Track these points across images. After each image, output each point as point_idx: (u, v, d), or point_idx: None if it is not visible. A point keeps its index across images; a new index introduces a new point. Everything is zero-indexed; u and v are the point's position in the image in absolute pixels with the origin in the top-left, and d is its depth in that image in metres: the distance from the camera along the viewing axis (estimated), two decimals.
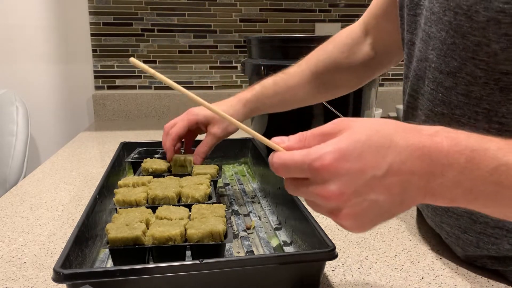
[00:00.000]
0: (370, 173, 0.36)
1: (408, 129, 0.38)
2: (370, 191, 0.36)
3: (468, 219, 0.53)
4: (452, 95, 0.50)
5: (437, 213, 0.57)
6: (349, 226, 0.38)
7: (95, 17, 1.43)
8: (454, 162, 0.36)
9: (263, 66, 0.89)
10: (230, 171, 0.94)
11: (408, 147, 0.37)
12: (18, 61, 1.43)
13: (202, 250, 0.51)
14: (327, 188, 0.36)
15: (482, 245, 0.52)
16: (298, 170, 0.37)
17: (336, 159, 0.35)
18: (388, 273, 0.54)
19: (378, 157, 0.36)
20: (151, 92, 1.51)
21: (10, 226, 0.68)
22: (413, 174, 0.36)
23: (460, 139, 0.37)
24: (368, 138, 0.36)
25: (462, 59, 0.47)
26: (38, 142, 1.50)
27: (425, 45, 0.53)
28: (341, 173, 0.35)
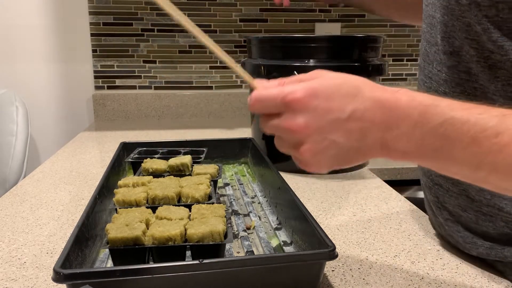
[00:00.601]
0: (335, 114, 0.40)
1: (375, 85, 0.42)
2: (331, 131, 0.40)
3: (465, 197, 0.56)
4: (454, 74, 0.53)
5: (439, 193, 0.60)
6: (307, 161, 0.42)
7: (95, 17, 1.43)
8: (408, 115, 0.40)
9: (263, 66, 0.89)
10: (230, 171, 0.94)
11: (372, 98, 0.41)
12: (18, 61, 1.43)
13: (202, 250, 0.51)
14: (295, 120, 0.40)
15: (481, 222, 0.55)
16: (272, 104, 0.42)
17: (307, 95, 0.40)
18: (388, 273, 0.54)
19: (344, 102, 0.40)
20: (151, 92, 1.51)
21: (10, 226, 0.68)
22: (373, 123, 0.40)
23: (416, 96, 0.41)
24: (339, 84, 0.41)
25: (461, 39, 0.51)
26: (38, 142, 1.50)
27: (434, 29, 0.56)
28: (309, 108, 0.40)
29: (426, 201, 0.67)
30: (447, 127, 0.39)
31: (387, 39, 1.57)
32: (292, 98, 0.40)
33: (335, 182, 0.89)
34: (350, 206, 0.76)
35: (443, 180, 0.59)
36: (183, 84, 1.53)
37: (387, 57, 1.59)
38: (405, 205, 0.77)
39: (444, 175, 0.58)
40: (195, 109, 1.53)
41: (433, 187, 0.62)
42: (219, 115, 1.55)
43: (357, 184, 0.88)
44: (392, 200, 0.80)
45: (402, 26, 1.57)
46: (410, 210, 0.75)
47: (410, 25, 1.57)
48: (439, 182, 0.60)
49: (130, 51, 1.48)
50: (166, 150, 0.87)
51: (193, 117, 1.54)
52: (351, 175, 0.94)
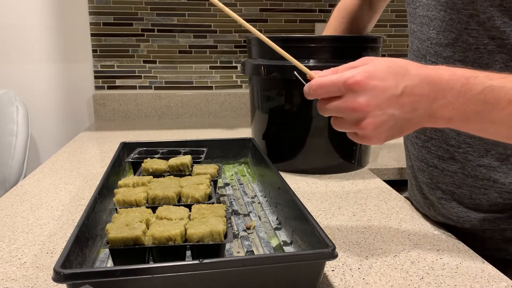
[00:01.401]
0: (390, 91, 0.46)
1: (418, 64, 0.49)
2: (388, 106, 0.47)
3: (461, 174, 0.64)
4: (450, 63, 0.60)
5: (433, 174, 0.68)
6: (368, 134, 0.48)
7: (95, 17, 1.43)
8: (452, 86, 0.47)
9: (263, 66, 0.89)
10: (230, 171, 0.94)
11: (418, 75, 0.47)
12: (18, 61, 1.43)
13: (202, 250, 0.51)
14: (357, 99, 0.46)
15: (474, 196, 0.63)
16: (334, 88, 0.48)
17: (366, 77, 0.46)
18: (388, 273, 0.54)
19: (396, 80, 0.47)
20: (151, 92, 1.51)
21: (10, 226, 0.68)
22: (422, 96, 0.47)
23: (456, 70, 0.48)
24: (389, 66, 0.48)
25: (458, 31, 0.58)
26: (38, 142, 1.50)
27: (427, 27, 0.64)
28: (369, 88, 0.46)
29: (415, 184, 0.74)
30: (486, 93, 0.45)
31: (387, 39, 1.57)
32: (354, 81, 0.46)
33: (335, 182, 0.89)
34: (350, 206, 0.76)
35: (439, 161, 0.66)
36: (183, 84, 1.53)
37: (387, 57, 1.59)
38: (405, 205, 0.77)
39: (439, 157, 0.65)
40: (195, 109, 1.53)
41: (427, 169, 0.69)
42: (219, 115, 1.55)
43: (357, 184, 0.88)
44: (392, 200, 0.80)
45: (402, 26, 1.57)
46: (410, 210, 0.75)
47: None
48: (434, 163, 0.67)
49: (130, 51, 1.48)
50: (166, 150, 0.87)
51: (193, 117, 1.54)
52: (351, 175, 0.94)
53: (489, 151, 0.60)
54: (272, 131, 0.96)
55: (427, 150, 0.68)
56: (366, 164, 1.00)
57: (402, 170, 1.01)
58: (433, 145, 0.67)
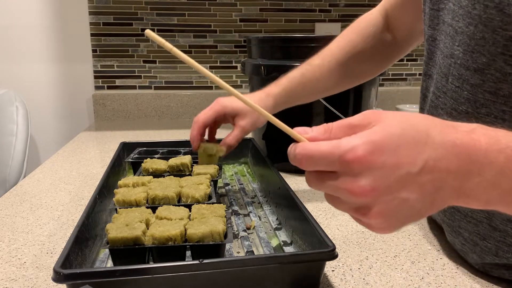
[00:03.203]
0: (406, 169, 0.33)
1: (444, 124, 0.36)
2: (402, 189, 0.34)
3: (487, 225, 0.51)
4: (478, 93, 0.48)
5: (456, 218, 0.55)
6: (376, 226, 0.36)
7: (95, 17, 1.43)
8: (493, 160, 0.34)
9: (263, 66, 0.89)
10: (230, 171, 0.94)
11: (445, 143, 0.34)
12: (18, 61, 1.43)
13: (202, 250, 0.51)
14: (358, 182, 0.33)
15: (501, 254, 0.50)
16: (326, 162, 0.34)
17: (370, 152, 0.33)
18: (388, 273, 0.54)
19: (414, 152, 0.33)
20: (151, 92, 1.51)
21: (10, 226, 0.68)
22: (449, 172, 0.34)
23: (499, 137, 0.35)
24: (404, 132, 0.34)
25: (492, 55, 0.45)
26: (38, 142, 1.50)
27: (452, 40, 0.51)
28: (375, 167, 0.33)
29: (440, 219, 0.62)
30: None
31: None
32: (353, 157, 0.33)
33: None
34: None
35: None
36: (183, 84, 1.53)
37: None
38: None
39: None
40: (195, 109, 1.53)
41: (448, 210, 0.57)
42: None
43: None
44: None
45: None
46: None
47: None
48: (456, 206, 0.52)
49: (130, 51, 1.48)
50: (166, 150, 0.87)
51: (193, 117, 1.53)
52: None
53: None
54: (272, 131, 0.96)
55: None
56: None
57: None
58: None
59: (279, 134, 0.43)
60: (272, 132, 0.96)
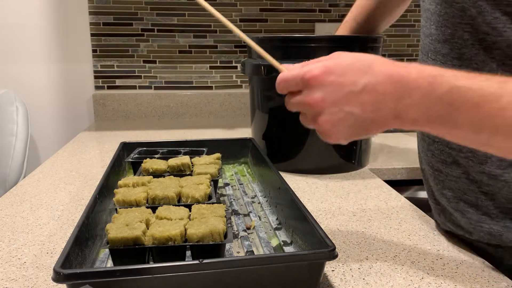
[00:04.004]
0: (349, 88, 0.45)
1: (386, 60, 0.46)
2: (346, 103, 0.45)
3: (465, 179, 0.60)
4: (448, 61, 0.57)
5: (439, 180, 0.64)
6: (326, 132, 0.47)
7: (95, 17, 1.43)
8: (419, 85, 0.43)
9: (263, 66, 0.89)
10: (230, 171, 0.94)
11: (383, 72, 0.45)
12: (18, 61, 1.43)
13: (202, 250, 0.51)
14: (313, 95, 0.46)
15: (481, 203, 0.59)
16: (293, 83, 0.47)
17: (322, 72, 0.45)
18: (388, 273, 0.54)
19: (357, 77, 0.45)
20: (151, 92, 1.51)
21: (10, 226, 0.68)
22: (385, 94, 0.44)
23: (425, 68, 0.44)
24: (351, 62, 0.46)
25: (454, 25, 0.55)
26: (38, 142, 1.50)
27: (429, 21, 0.60)
28: (325, 84, 0.45)
29: (428, 190, 0.70)
30: (452, 95, 0.42)
31: (387, 39, 1.57)
32: (310, 76, 0.45)
33: (335, 182, 0.89)
34: (350, 206, 0.76)
35: (442, 165, 0.62)
36: (183, 84, 1.53)
37: (387, 57, 1.59)
38: (405, 205, 0.77)
39: (442, 161, 0.62)
40: (195, 109, 1.53)
41: (433, 173, 0.65)
42: (219, 115, 1.55)
43: (357, 184, 0.88)
44: (392, 200, 0.80)
45: (402, 26, 1.57)
46: (410, 210, 0.75)
47: (410, 25, 1.57)
48: (439, 168, 0.63)
49: (130, 51, 1.48)
50: (166, 150, 0.87)
51: (193, 117, 1.54)
52: (351, 175, 0.94)
53: (489, 158, 0.56)
54: (272, 131, 0.96)
55: (431, 154, 0.65)
56: (366, 164, 1.00)
57: (402, 170, 1.01)
58: (436, 148, 0.63)
59: (279, 134, 0.45)
60: (272, 132, 0.96)
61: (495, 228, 0.58)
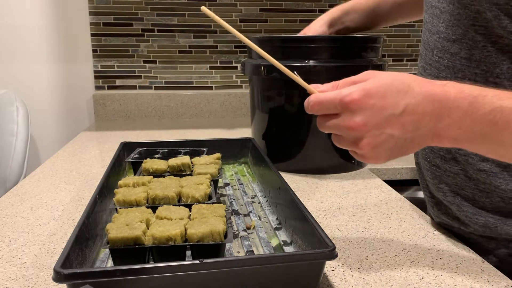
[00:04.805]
0: (390, 110, 0.44)
1: (423, 79, 0.47)
2: (388, 126, 0.45)
3: (463, 176, 0.61)
4: (456, 60, 0.58)
5: (436, 175, 0.66)
6: (366, 155, 0.47)
7: (95, 17, 1.43)
8: (459, 105, 0.44)
9: (263, 66, 0.89)
10: (230, 171, 0.94)
11: (422, 92, 0.45)
12: (18, 61, 1.43)
13: (202, 250, 0.51)
14: (354, 119, 0.45)
15: (477, 198, 0.61)
16: (331, 106, 0.46)
17: (363, 96, 0.44)
18: (388, 273, 0.54)
19: (397, 99, 0.45)
20: (151, 92, 1.51)
21: (10, 226, 0.68)
22: (425, 114, 0.45)
23: (464, 88, 0.45)
24: (391, 83, 0.45)
25: (466, 27, 0.56)
26: (38, 142, 1.50)
27: (437, 19, 0.61)
28: (366, 108, 0.44)
29: (422, 183, 0.71)
30: (495, 114, 0.43)
31: (387, 39, 1.57)
32: (350, 99, 0.44)
33: (335, 182, 0.89)
34: (350, 206, 0.76)
35: (441, 161, 0.64)
36: (183, 84, 1.53)
37: (387, 57, 1.59)
38: (405, 205, 0.77)
39: (441, 156, 0.64)
40: (195, 109, 1.53)
41: (430, 168, 0.67)
42: (219, 115, 1.55)
43: (357, 184, 0.88)
44: (392, 200, 0.80)
45: (402, 26, 1.57)
46: (410, 210, 0.75)
47: (410, 25, 1.57)
48: (437, 163, 0.65)
49: (130, 51, 1.48)
50: (166, 150, 0.87)
51: (193, 117, 1.54)
52: (351, 175, 0.94)
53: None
54: (272, 131, 0.96)
55: (430, 149, 0.66)
56: (366, 164, 1.00)
57: (402, 170, 1.01)
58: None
59: (279, 134, 0.45)
60: (272, 132, 0.96)
61: (490, 221, 0.60)
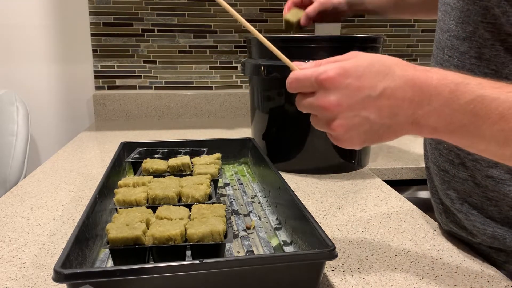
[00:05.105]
0: (366, 92, 0.42)
1: (406, 63, 0.43)
2: (363, 108, 0.42)
3: (471, 183, 0.58)
4: (466, 59, 0.55)
5: (445, 180, 0.62)
6: (340, 137, 0.45)
7: (95, 17, 1.43)
8: (440, 92, 0.41)
9: (263, 66, 0.89)
10: (230, 171, 0.94)
11: (403, 76, 0.42)
12: (18, 61, 1.43)
13: (202, 250, 0.51)
14: (328, 98, 0.42)
15: (486, 207, 0.57)
16: (307, 83, 0.44)
17: (339, 74, 0.42)
18: (388, 273, 0.54)
19: (375, 80, 0.42)
20: (151, 92, 1.51)
21: (10, 226, 0.68)
22: (404, 100, 0.42)
23: (448, 75, 0.42)
24: (370, 64, 0.42)
25: (475, 23, 0.52)
26: (39, 142, 1.50)
27: (448, 16, 0.58)
28: (341, 87, 0.42)
29: (431, 189, 0.68)
30: (476, 104, 0.40)
31: (387, 39, 1.57)
32: (325, 77, 0.42)
33: (335, 182, 0.89)
34: (350, 206, 0.76)
35: (450, 166, 0.61)
36: (183, 84, 1.53)
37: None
38: (405, 205, 0.77)
39: (449, 161, 0.61)
40: (195, 109, 1.53)
41: (439, 173, 0.63)
42: (219, 115, 1.55)
43: (357, 184, 0.88)
44: (392, 200, 0.80)
45: (402, 26, 1.57)
46: (410, 210, 0.75)
47: (410, 25, 1.57)
48: (445, 168, 0.62)
49: (130, 51, 1.48)
50: (166, 150, 0.87)
51: (193, 117, 1.54)
52: (351, 175, 0.94)
53: (497, 163, 0.54)
54: (272, 131, 0.96)
55: (439, 153, 0.63)
56: (366, 164, 1.00)
57: (402, 170, 1.01)
58: (445, 148, 0.61)
59: (279, 134, 0.44)
60: (272, 132, 0.96)
61: (499, 232, 0.56)
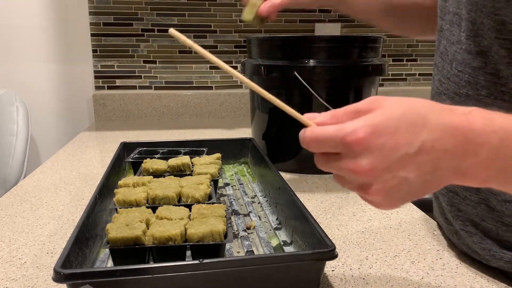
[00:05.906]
0: (403, 150, 0.36)
1: (442, 108, 0.38)
2: (401, 168, 0.36)
3: (485, 206, 0.53)
4: (479, 75, 0.50)
5: (454, 202, 0.57)
6: (377, 203, 0.39)
7: (95, 17, 1.43)
8: (487, 141, 0.36)
9: (263, 66, 0.89)
10: (230, 171, 0.94)
11: (441, 125, 0.36)
12: (18, 61, 1.43)
13: (202, 250, 0.51)
14: (359, 162, 0.36)
15: (501, 233, 0.52)
16: (331, 144, 0.37)
17: (370, 134, 0.35)
18: (388, 273, 0.54)
19: (411, 135, 0.36)
20: (151, 92, 1.51)
21: (10, 226, 0.68)
22: (446, 152, 0.36)
23: (494, 119, 0.37)
24: (403, 115, 0.36)
25: (490, 38, 0.48)
26: (38, 142, 1.50)
27: (457, 27, 0.53)
28: (374, 148, 0.35)
29: (438, 208, 0.63)
30: None
31: (387, 39, 1.57)
32: (354, 139, 0.35)
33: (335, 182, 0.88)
34: (350, 206, 0.76)
35: (460, 188, 0.56)
36: (183, 84, 1.53)
37: (387, 57, 1.59)
38: (405, 205, 0.77)
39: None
40: (195, 109, 1.53)
41: (447, 194, 0.58)
42: (219, 115, 1.55)
43: None
44: None
45: None
46: (410, 210, 0.75)
47: None
48: (455, 189, 0.57)
49: (130, 51, 1.48)
50: (166, 150, 0.87)
51: (193, 117, 1.54)
52: None
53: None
54: (272, 131, 0.96)
55: None
56: None
57: None
58: None
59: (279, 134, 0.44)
60: (272, 132, 0.96)
61: None
